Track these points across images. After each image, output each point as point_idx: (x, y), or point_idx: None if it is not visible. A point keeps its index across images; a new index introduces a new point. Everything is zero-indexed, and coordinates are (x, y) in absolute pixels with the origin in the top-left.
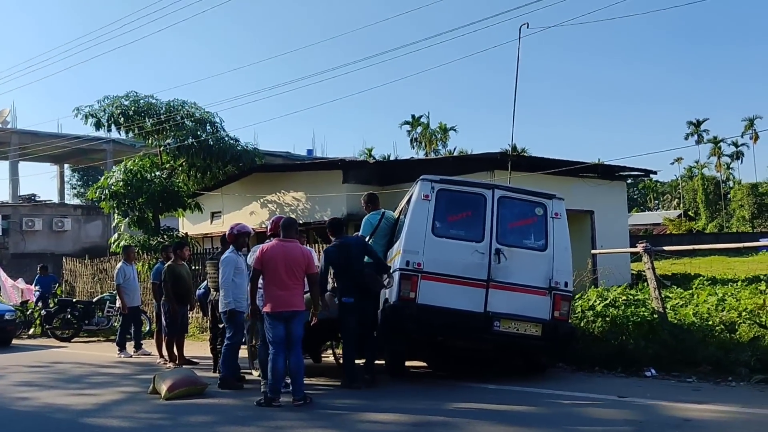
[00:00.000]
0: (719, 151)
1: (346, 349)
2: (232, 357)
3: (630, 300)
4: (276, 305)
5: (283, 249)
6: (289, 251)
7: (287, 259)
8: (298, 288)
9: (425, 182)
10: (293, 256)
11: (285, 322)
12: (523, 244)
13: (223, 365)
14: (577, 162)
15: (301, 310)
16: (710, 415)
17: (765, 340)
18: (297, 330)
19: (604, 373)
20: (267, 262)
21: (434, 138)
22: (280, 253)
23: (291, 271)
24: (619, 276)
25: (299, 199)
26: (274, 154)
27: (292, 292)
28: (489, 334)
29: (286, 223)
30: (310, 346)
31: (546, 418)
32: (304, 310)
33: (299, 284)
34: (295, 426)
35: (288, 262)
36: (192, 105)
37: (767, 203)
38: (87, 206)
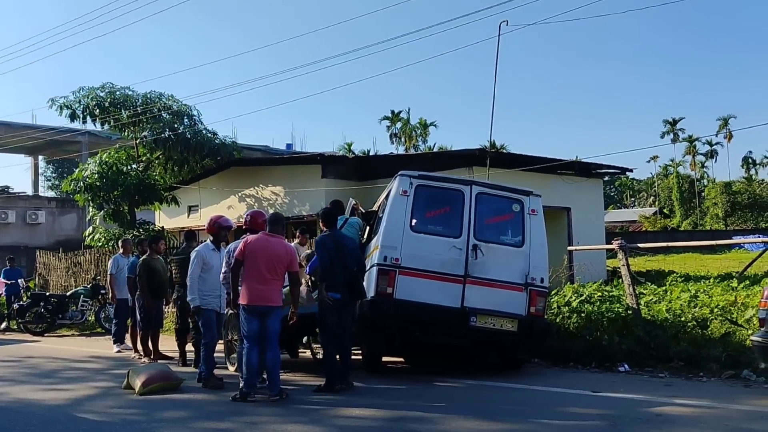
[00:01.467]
0: (694, 149)
1: (328, 348)
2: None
3: (605, 296)
4: (253, 299)
5: (266, 243)
6: (273, 246)
7: (269, 253)
8: (277, 284)
9: (404, 178)
10: (276, 251)
11: (261, 317)
12: (500, 240)
13: (203, 364)
14: (555, 159)
15: (277, 306)
16: (681, 409)
17: (736, 337)
18: (273, 325)
19: (579, 368)
20: (249, 255)
21: (414, 133)
22: (263, 247)
23: (272, 267)
24: (595, 272)
25: (278, 194)
26: (252, 148)
27: (270, 287)
28: (466, 329)
29: (273, 218)
30: (287, 341)
31: (521, 413)
32: (281, 306)
33: (279, 280)
34: (270, 421)
35: (270, 257)
36: (169, 97)
37: (740, 202)
38: (61, 199)
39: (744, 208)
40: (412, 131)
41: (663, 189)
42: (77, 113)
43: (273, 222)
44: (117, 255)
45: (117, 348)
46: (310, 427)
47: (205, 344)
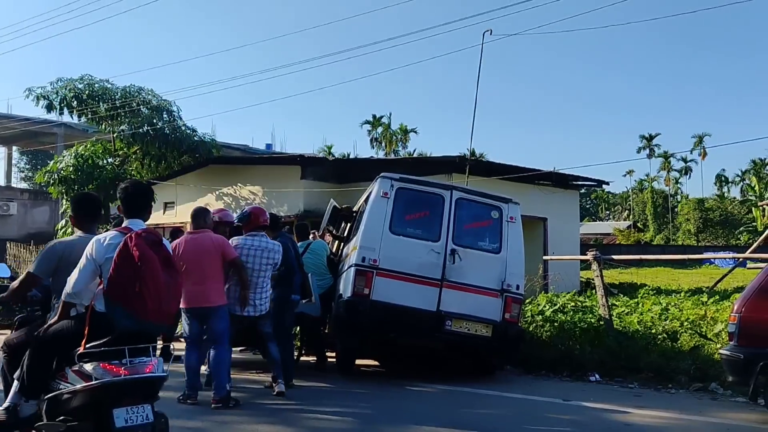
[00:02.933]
0: (669, 165)
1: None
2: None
3: (578, 306)
4: (190, 301)
5: (192, 242)
6: (200, 243)
7: (197, 251)
8: (215, 282)
9: (385, 180)
10: (203, 247)
11: (200, 318)
12: (478, 246)
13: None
14: (533, 169)
15: (219, 305)
16: (650, 420)
17: (705, 350)
18: (216, 326)
19: (551, 376)
20: (179, 258)
21: (395, 139)
22: (190, 247)
23: (204, 264)
24: (569, 283)
25: (256, 193)
26: (232, 147)
27: (208, 287)
28: (440, 333)
29: (195, 213)
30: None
31: (492, 420)
32: (223, 305)
33: (215, 277)
34: (241, 421)
35: (199, 255)
36: (149, 92)
37: (712, 218)
38: (35, 191)
39: (716, 224)
40: (393, 136)
41: (637, 203)
42: (54, 104)
43: (195, 217)
44: None
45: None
46: (281, 428)
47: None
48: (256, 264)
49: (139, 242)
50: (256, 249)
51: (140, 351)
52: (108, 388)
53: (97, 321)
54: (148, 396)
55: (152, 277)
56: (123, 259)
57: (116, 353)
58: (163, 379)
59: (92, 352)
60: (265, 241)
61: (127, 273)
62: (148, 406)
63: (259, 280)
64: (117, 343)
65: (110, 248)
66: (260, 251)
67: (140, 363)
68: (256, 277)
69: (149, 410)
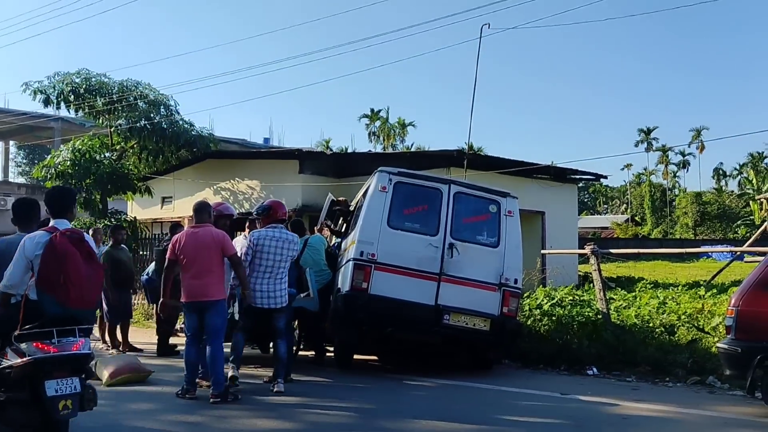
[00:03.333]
0: (667, 159)
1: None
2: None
3: (576, 300)
4: (189, 295)
5: (193, 236)
6: (199, 237)
7: (197, 246)
8: (214, 276)
9: (383, 174)
10: (203, 242)
11: (199, 312)
12: (476, 240)
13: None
14: (531, 163)
15: (216, 300)
16: (647, 413)
17: (702, 344)
18: (213, 321)
19: (548, 370)
20: (179, 251)
21: (392, 133)
22: (190, 241)
23: (203, 259)
24: (567, 276)
25: (254, 188)
26: (229, 141)
27: (206, 282)
28: (439, 326)
29: (197, 207)
30: (258, 335)
31: (490, 413)
32: (221, 300)
33: (215, 272)
34: (240, 416)
35: (198, 250)
36: (146, 86)
37: (710, 212)
38: (32, 185)
39: (713, 218)
40: (391, 130)
41: (635, 197)
42: (51, 99)
43: (197, 211)
44: None
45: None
46: (280, 422)
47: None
48: (276, 256)
49: (63, 240)
50: (277, 240)
51: (67, 332)
52: (39, 363)
53: (31, 308)
54: (76, 370)
55: (75, 270)
56: (50, 254)
57: (46, 334)
58: (89, 357)
59: (27, 333)
60: (285, 233)
61: (53, 267)
62: (77, 378)
63: (279, 272)
64: (47, 326)
65: (39, 246)
66: (280, 243)
67: (67, 342)
68: (276, 268)
69: (77, 382)
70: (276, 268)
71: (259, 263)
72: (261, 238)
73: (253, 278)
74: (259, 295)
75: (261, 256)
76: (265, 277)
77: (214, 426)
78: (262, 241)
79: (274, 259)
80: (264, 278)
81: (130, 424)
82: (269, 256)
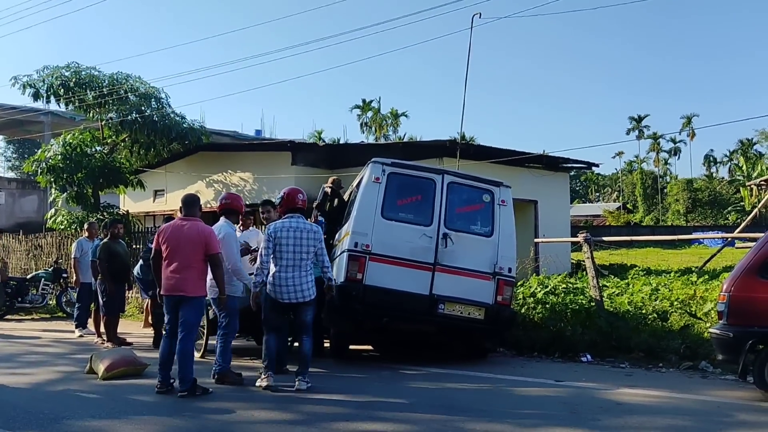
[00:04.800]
0: (658, 146)
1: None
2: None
3: (569, 288)
4: (165, 288)
5: (179, 229)
6: (185, 231)
7: (181, 239)
8: (192, 272)
9: (376, 165)
10: (188, 236)
11: (175, 307)
12: (470, 230)
13: (220, 356)
14: (523, 152)
15: (192, 296)
16: (641, 399)
17: (694, 329)
18: (187, 316)
19: (543, 358)
20: (164, 243)
21: (385, 123)
22: (175, 233)
23: (184, 253)
24: (560, 264)
25: (246, 180)
26: (221, 133)
27: (183, 276)
28: (433, 316)
29: (187, 200)
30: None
31: (486, 402)
32: (197, 296)
33: (195, 267)
34: (237, 408)
35: (180, 243)
36: (137, 79)
37: (701, 199)
38: (22, 180)
39: (704, 205)
40: (383, 121)
41: (627, 185)
42: (41, 92)
43: (187, 204)
44: (81, 238)
45: (79, 332)
46: (277, 413)
47: (224, 334)
48: (297, 247)
49: None
50: (295, 231)
51: None
52: None
53: None
54: None
55: None
56: None
57: None
58: None
59: None
60: (303, 222)
61: None
62: None
63: (301, 263)
64: None
65: None
66: (298, 233)
67: None
68: (299, 260)
69: None
70: (299, 260)
71: (280, 256)
72: (278, 230)
73: (277, 272)
74: (285, 290)
75: (281, 249)
76: (289, 270)
77: (211, 417)
78: (280, 233)
79: (294, 251)
80: (288, 272)
81: (126, 416)
82: (289, 248)
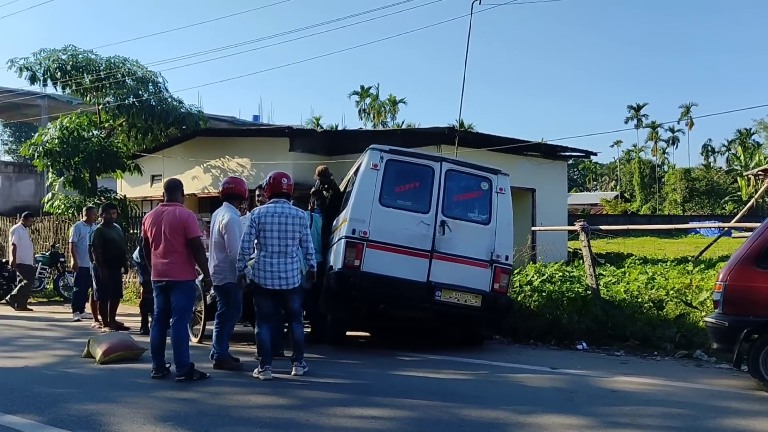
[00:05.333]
0: (656, 136)
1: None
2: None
3: (566, 276)
4: (155, 274)
5: (160, 214)
6: (165, 216)
7: (161, 224)
8: (178, 256)
9: (375, 152)
10: (168, 221)
11: (164, 292)
12: (468, 217)
13: (217, 343)
14: (522, 140)
15: (180, 281)
16: (636, 386)
17: (690, 318)
18: (177, 301)
19: (539, 345)
20: (148, 229)
21: (383, 110)
22: (156, 219)
23: (168, 238)
24: (557, 253)
25: (244, 166)
26: (219, 119)
27: (170, 261)
28: (430, 303)
29: (169, 185)
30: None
31: (482, 388)
32: (186, 280)
33: (179, 252)
34: (233, 392)
35: (164, 228)
36: (134, 63)
37: (698, 188)
38: (19, 163)
39: (702, 194)
40: (381, 107)
41: (625, 174)
42: (38, 76)
43: (169, 189)
44: (79, 223)
45: (76, 317)
46: (274, 398)
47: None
48: (282, 233)
49: None
50: (280, 216)
51: None
52: None
53: None
54: None
55: None
56: None
57: None
58: None
59: None
60: (288, 207)
61: None
62: None
63: (287, 249)
64: None
65: None
66: (283, 218)
67: None
68: (284, 246)
69: None
70: (284, 246)
71: (265, 242)
72: (263, 215)
73: (262, 258)
74: (270, 276)
75: (265, 235)
76: (273, 257)
77: (208, 402)
78: (264, 218)
79: (279, 237)
80: (272, 258)
81: (124, 400)
82: (273, 233)
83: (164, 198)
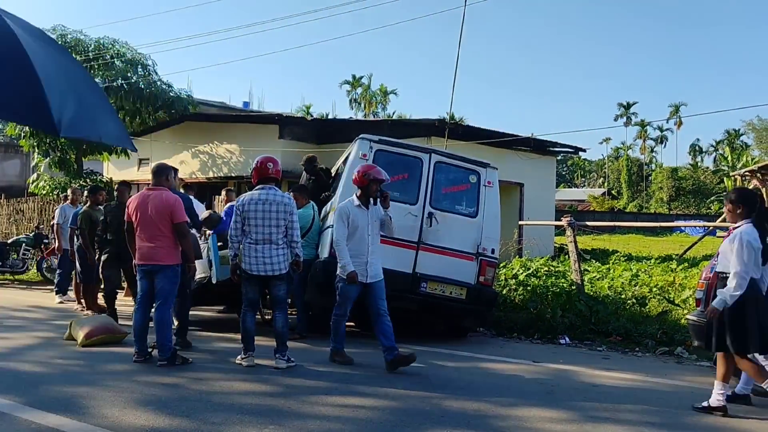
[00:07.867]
0: (645, 134)
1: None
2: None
3: (551, 271)
4: (139, 258)
5: (145, 198)
6: (152, 200)
7: (146, 208)
8: (164, 240)
9: (364, 141)
10: (154, 205)
11: (149, 276)
12: (455, 210)
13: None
14: (511, 134)
15: (165, 265)
16: (616, 382)
17: (672, 315)
18: (162, 285)
19: (522, 339)
20: (133, 213)
21: (374, 100)
22: (142, 203)
23: (154, 222)
24: (543, 248)
25: (232, 152)
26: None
27: (155, 245)
28: (416, 294)
29: (156, 170)
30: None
31: (464, 380)
32: (171, 264)
33: (166, 236)
34: (216, 378)
35: (151, 212)
36: (123, 45)
37: (684, 187)
38: (5, 143)
39: (688, 193)
40: (373, 97)
41: (612, 171)
42: None
43: (155, 173)
44: (64, 204)
45: (59, 299)
46: (257, 385)
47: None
48: (265, 221)
49: None
50: (264, 203)
51: None
52: None
53: None
54: None
55: None
56: None
57: None
58: None
59: None
60: (273, 193)
61: None
62: None
63: (271, 237)
64: None
65: None
66: (267, 205)
67: None
68: (267, 234)
69: None
70: (268, 234)
71: (249, 230)
72: (246, 203)
73: (247, 245)
74: (254, 261)
75: (249, 223)
76: (258, 243)
77: (190, 387)
78: (248, 206)
79: (264, 224)
80: (257, 245)
81: (105, 383)
82: (258, 221)
83: (151, 182)
